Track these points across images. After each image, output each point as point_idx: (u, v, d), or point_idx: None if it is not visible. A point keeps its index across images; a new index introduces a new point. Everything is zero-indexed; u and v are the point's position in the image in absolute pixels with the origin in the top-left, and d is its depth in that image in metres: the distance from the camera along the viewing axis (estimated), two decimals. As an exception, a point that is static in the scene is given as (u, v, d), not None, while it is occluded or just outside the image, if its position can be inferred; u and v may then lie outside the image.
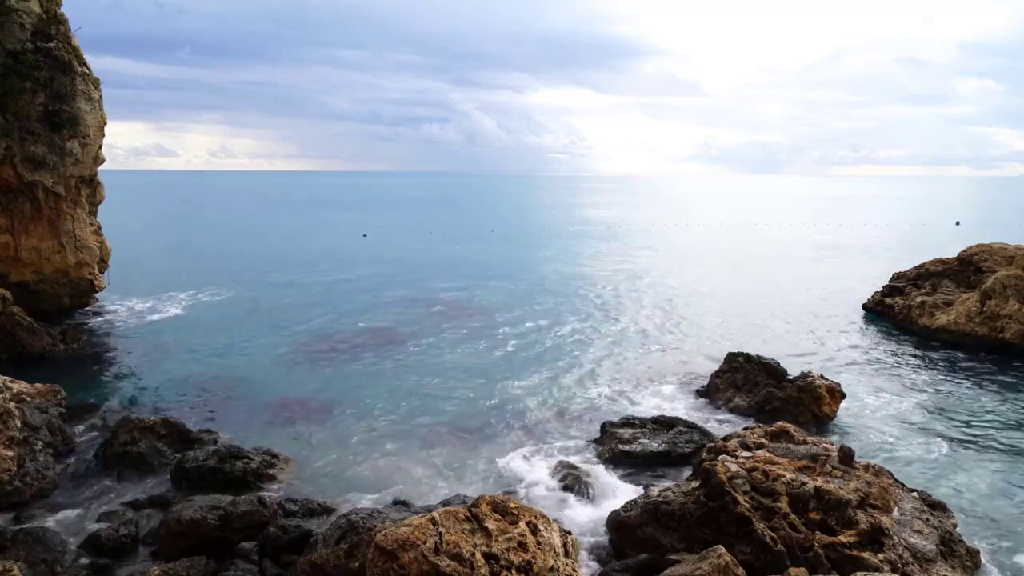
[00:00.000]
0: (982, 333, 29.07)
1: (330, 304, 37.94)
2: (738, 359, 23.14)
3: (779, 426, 16.24)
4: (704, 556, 11.33)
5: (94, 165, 32.53)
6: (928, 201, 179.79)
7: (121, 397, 23.02)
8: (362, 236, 75.97)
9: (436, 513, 10.56)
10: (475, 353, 28.44)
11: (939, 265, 36.27)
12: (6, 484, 15.19)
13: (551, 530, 10.91)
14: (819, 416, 20.59)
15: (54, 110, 29.90)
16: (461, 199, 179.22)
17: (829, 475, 13.68)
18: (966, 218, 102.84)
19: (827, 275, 49.39)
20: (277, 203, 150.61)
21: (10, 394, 17.67)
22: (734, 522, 12.51)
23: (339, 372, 25.78)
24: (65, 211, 31.31)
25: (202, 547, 13.30)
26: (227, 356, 27.79)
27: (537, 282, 45.71)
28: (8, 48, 28.84)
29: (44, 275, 31.31)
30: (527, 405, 22.33)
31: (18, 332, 26.30)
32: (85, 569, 12.86)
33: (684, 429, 18.78)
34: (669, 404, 22.58)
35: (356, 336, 31.22)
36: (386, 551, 9.93)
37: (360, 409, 21.78)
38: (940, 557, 12.23)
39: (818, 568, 11.62)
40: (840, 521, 12.41)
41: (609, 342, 30.33)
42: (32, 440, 16.85)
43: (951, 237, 72.62)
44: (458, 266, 53.43)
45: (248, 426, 20.37)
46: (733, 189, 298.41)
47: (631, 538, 13.48)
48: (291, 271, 49.88)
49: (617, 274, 49.78)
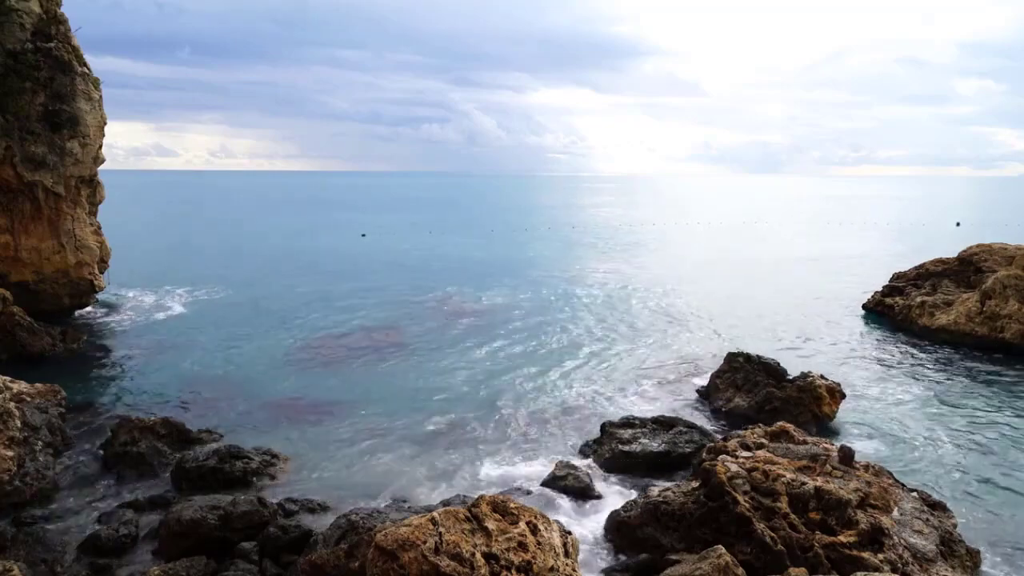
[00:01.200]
0: (982, 333, 29.06)
1: (329, 304, 37.94)
2: (738, 359, 23.14)
3: (779, 426, 16.25)
4: (704, 556, 11.33)
5: (94, 165, 32.53)
6: (928, 201, 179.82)
7: (121, 397, 23.01)
8: (361, 236, 76.00)
9: (436, 513, 10.56)
10: (475, 353, 28.44)
11: (939, 265, 36.27)
12: (6, 484, 15.19)
13: (551, 530, 10.91)
14: (819, 416, 20.58)
15: (54, 110, 29.91)
16: (461, 199, 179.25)
17: (829, 475, 13.68)
18: (966, 218, 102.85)
19: (827, 275, 49.41)
20: (277, 203, 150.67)
21: (10, 394, 17.66)
22: (734, 522, 12.51)
23: (339, 372, 25.78)
24: (65, 211, 31.31)
25: (202, 547, 13.30)
26: (227, 356, 27.79)
27: (537, 282, 45.71)
28: (8, 48, 28.84)
29: (44, 275, 31.31)
30: (527, 405, 22.34)
31: (18, 332, 26.30)
32: (85, 569, 12.86)
33: (684, 429, 18.78)
34: (669, 404, 22.59)
35: (355, 336, 31.22)
36: (386, 551, 9.93)
37: (360, 409, 21.78)
38: (940, 557, 12.23)
39: (818, 568, 11.62)
40: (840, 521, 12.41)
41: (609, 342, 30.33)
42: (32, 440, 16.85)
43: (951, 237, 72.62)
44: (458, 266, 53.45)
45: (248, 426, 20.37)
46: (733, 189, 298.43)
47: (631, 538, 13.49)
48: (291, 271, 49.90)
49: (617, 274, 49.80)
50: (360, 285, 44.17)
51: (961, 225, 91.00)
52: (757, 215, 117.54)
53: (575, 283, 45.60)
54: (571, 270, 51.79)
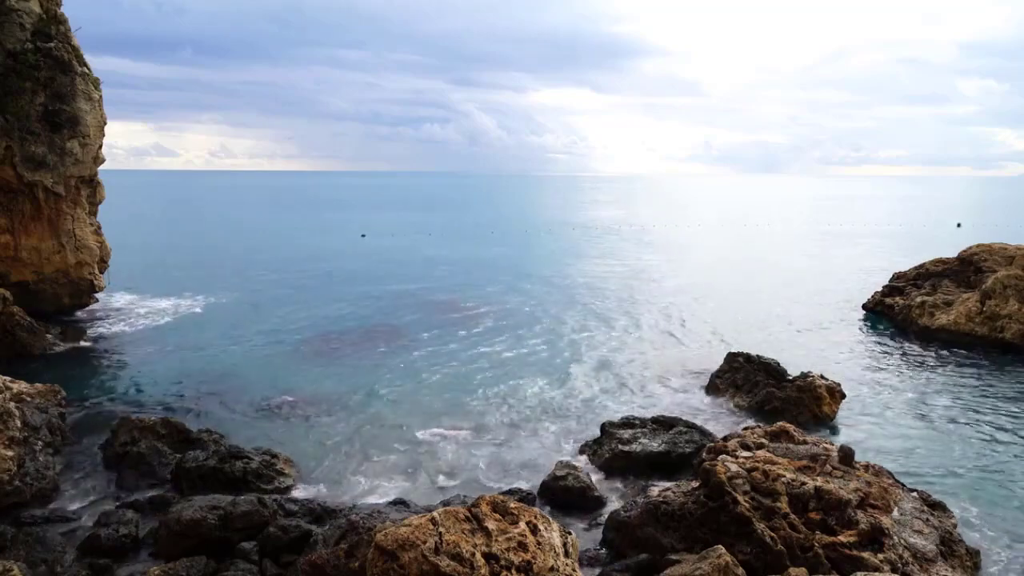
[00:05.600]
0: (982, 333, 29.07)
1: (329, 304, 37.94)
2: (738, 359, 23.14)
3: (779, 426, 16.24)
4: (704, 556, 11.32)
5: (94, 165, 32.53)
6: (928, 201, 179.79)
7: (121, 397, 23.01)
8: (361, 236, 75.99)
9: (436, 513, 10.55)
10: (475, 353, 28.43)
11: (939, 265, 36.26)
12: (6, 484, 15.18)
13: (551, 530, 10.90)
14: (819, 416, 20.59)
15: (54, 110, 29.90)
16: (461, 199, 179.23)
17: (829, 475, 13.68)
18: (966, 218, 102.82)
19: (827, 275, 49.39)
20: (276, 203, 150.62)
21: (10, 394, 17.67)
22: (734, 522, 12.51)
23: (339, 372, 25.77)
24: (65, 211, 31.31)
25: (202, 547, 13.29)
26: (227, 356, 27.79)
27: (537, 282, 45.71)
28: (8, 48, 28.84)
29: (44, 275, 31.30)
30: (527, 405, 22.34)
31: (18, 332, 26.30)
32: (85, 569, 12.84)
33: (684, 429, 18.78)
34: (669, 404, 22.58)
35: (355, 336, 31.22)
36: (386, 551, 9.93)
37: (360, 409, 21.79)
38: (940, 557, 12.23)
39: (818, 568, 11.62)
40: (840, 521, 12.40)
41: (609, 342, 30.33)
42: (32, 440, 16.85)
43: (951, 237, 72.61)
44: (458, 266, 53.44)
45: (248, 426, 20.37)
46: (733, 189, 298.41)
47: (631, 538, 13.48)
48: (290, 271, 49.88)
49: (617, 274, 49.80)
50: (360, 285, 44.17)
51: (961, 225, 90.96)
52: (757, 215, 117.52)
53: (575, 283, 45.59)
54: (571, 270, 51.77)
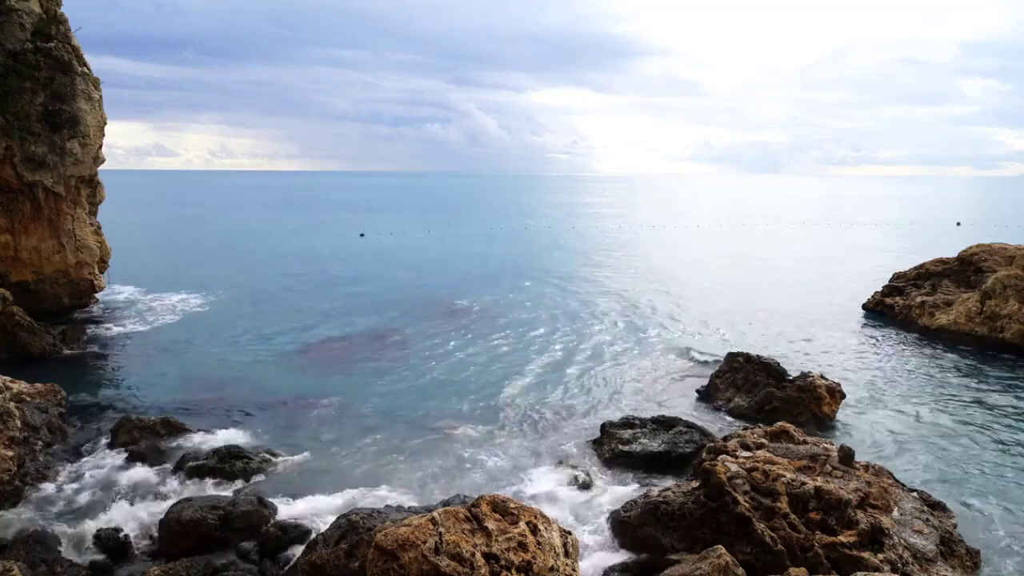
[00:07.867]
0: (982, 333, 29.07)
1: (329, 304, 37.94)
2: (738, 359, 23.12)
3: (779, 426, 16.23)
4: (704, 556, 11.33)
5: (94, 165, 32.55)
6: (928, 201, 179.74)
7: (121, 397, 23.01)
8: (359, 236, 76.00)
9: (436, 513, 10.55)
10: (475, 353, 28.43)
11: (939, 265, 36.26)
12: (6, 484, 15.19)
13: (551, 530, 10.90)
14: (819, 416, 20.59)
15: (54, 110, 29.92)
16: (461, 199, 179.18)
17: (829, 475, 13.68)
18: (966, 218, 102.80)
19: (827, 275, 49.39)
20: (276, 203, 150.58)
21: (10, 394, 17.67)
22: (734, 522, 12.51)
23: (338, 372, 25.77)
24: (65, 211, 31.32)
25: (202, 547, 13.30)
26: (227, 356, 27.80)
27: (537, 282, 45.70)
28: (8, 48, 28.86)
29: (44, 275, 31.32)
30: (527, 405, 22.33)
31: (18, 332, 26.29)
32: (85, 569, 12.85)
33: (684, 429, 18.78)
34: (669, 404, 22.57)
35: (354, 336, 31.23)
36: (386, 551, 9.93)
37: (360, 409, 21.78)
38: (940, 557, 12.23)
39: (818, 568, 11.62)
40: (840, 521, 12.41)
41: (609, 342, 30.32)
42: (32, 440, 16.87)
43: (951, 237, 72.61)
44: (458, 266, 53.44)
45: (248, 426, 20.36)
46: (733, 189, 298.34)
47: (631, 538, 13.49)
48: (291, 271, 49.89)
49: (617, 274, 49.79)
50: (359, 285, 44.16)
51: (961, 225, 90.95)
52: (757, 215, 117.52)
53: (575, 283, 45.57)
54: (571, 270, 51.75)
